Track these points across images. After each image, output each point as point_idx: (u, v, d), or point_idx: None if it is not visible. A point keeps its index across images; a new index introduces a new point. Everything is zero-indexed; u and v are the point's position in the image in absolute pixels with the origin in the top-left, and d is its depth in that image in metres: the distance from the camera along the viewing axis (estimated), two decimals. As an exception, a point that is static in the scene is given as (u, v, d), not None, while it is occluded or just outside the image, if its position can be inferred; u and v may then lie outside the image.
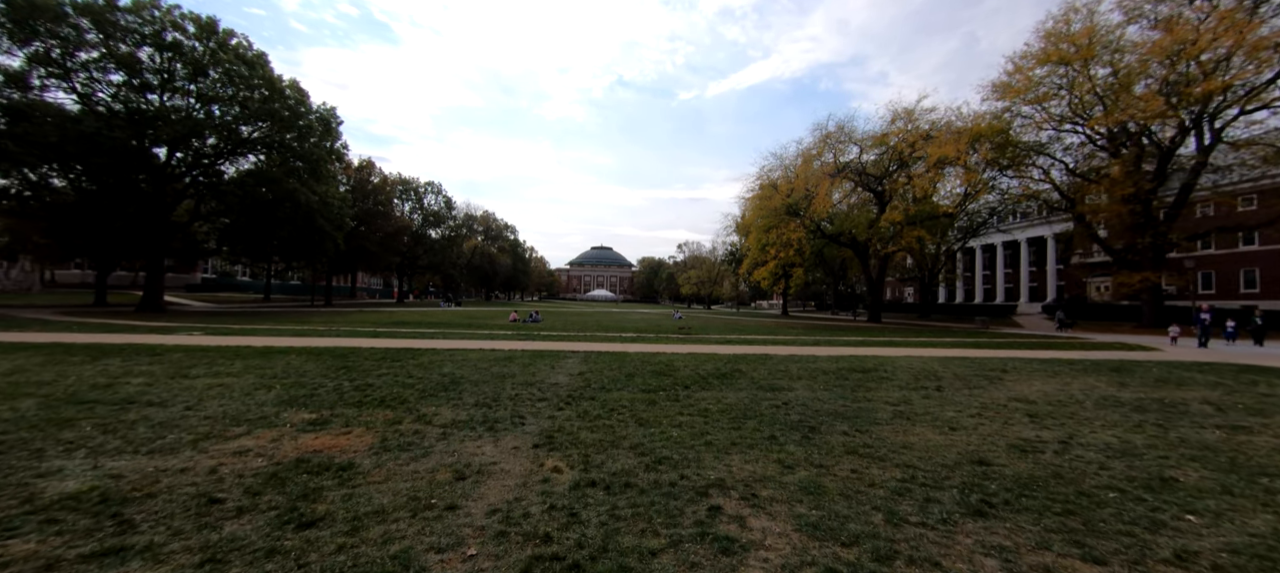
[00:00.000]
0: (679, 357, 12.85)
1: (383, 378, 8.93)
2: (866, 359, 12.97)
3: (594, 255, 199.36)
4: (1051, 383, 9.83)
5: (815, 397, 8.04)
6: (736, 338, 20.10)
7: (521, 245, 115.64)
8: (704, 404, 7.34)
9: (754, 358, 12.87)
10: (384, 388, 8.04)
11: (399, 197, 64.69)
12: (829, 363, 12.09)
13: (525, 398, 7.51)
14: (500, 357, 11.94)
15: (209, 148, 29.85)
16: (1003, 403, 7.83)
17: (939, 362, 12.75)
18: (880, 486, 4.22)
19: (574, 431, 5.77)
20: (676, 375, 9.83)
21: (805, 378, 9.86)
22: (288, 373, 9.23)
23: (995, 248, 66.40)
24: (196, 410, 6.41)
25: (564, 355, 12.51)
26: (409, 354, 12.07)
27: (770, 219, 37.13)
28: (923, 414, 6.93)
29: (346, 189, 47.75)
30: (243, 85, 27.02)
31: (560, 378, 9.31)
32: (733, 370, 10.61)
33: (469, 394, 7.70)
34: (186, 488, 3.95)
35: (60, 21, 24.85)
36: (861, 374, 10.43)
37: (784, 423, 6.28)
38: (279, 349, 12.44)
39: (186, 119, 27.33)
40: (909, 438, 5.73)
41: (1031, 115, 36.29)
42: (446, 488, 4.02)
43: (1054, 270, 58.88)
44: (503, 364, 10.78)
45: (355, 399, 7.23)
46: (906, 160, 34.66)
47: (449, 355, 12.01)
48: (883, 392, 8.59)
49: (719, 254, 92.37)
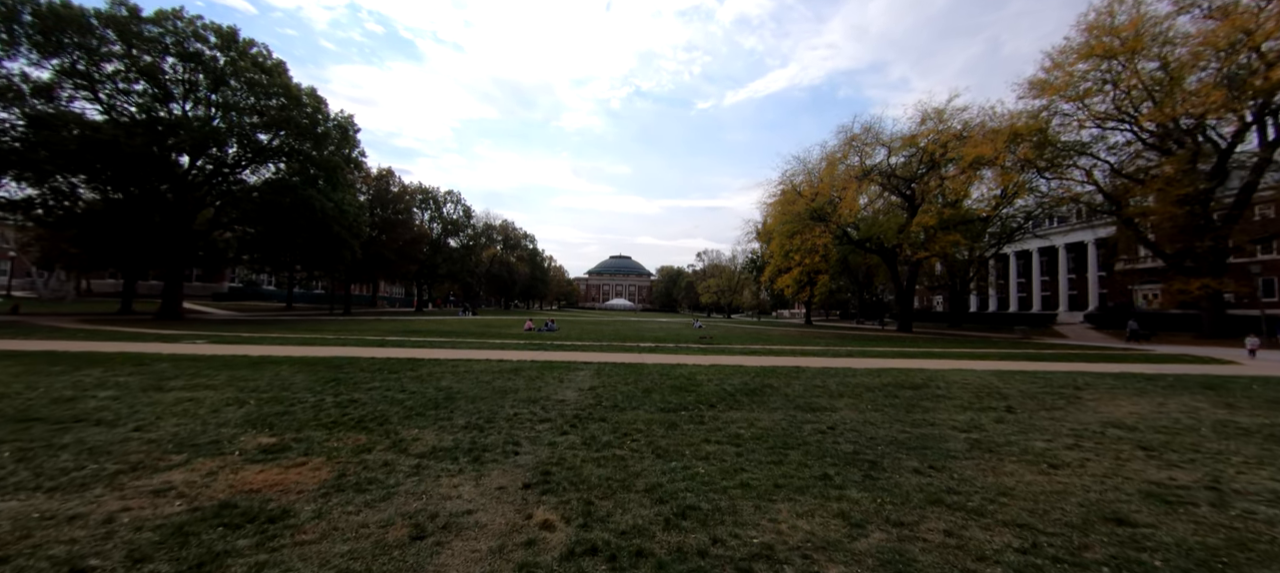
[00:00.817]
0: (701, 369, 11.69)
1: (372, 392, 8.00)
2: (911, 373, 11.61)
3: (612, 264, 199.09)
4: (1142, 403, 8.38)
5: (865, 419, 6.81)
6: (761, 348, 18.82)
7: (540, 254, 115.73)
8: (734, 428, 6.18)
9: (784, 371, 11.63)
10: (368, 405, 7.10)
11: (419, 205, 65.03)
12: (870, 377, 10.79)
13: (524, 419, 6.46)
14: (506, 369, 10.96)
15: (230, 157, 29.96)
16: (1097, 430, 6.48)
17: (996, 376, 11.32)
18: (994, 560, 3.03)
19: (576, 464, 4.69)
20: (699, 391, 8.69)
21: (848, 395, 8.61)
22: (271, 386, 8.38)
23: (1030, 254, 63.37)
24: (145, 432, 5.53)
25: (575, 367, 11.46)
26: (409, 365, 11.17)
27: (794, 225, 35.72)
28: (1005, 444, 5.66)
29: (366, 198, 48.02)
30: (261, 93, 26.99)
31: (568, 393, 8.26)
32: (763, 386, 9.41)
33: (461, 413, 6.69)
34: (56, 548, 2.99)
35: (86, 33, 25.17)
36: (912, 391, 9.13)
37: (836, 456, 5.09)
38: (274, 359, 11.69)
39: (207, 127, 27.40)
40: (1001, 478, 4.49)
41: (1071, 114, 34.26)
42: (395, 555, 2.98)
43: (1096, 278, 55.75)
44: (507, 377, 9.78)
45: (331, 418, 6.29)
46: (938, 162, 32.95)
47: (451, 367, 11.08)
48: (944, 413, 7.31)
49: (739, 262, 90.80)
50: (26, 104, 24.52)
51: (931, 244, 31.13)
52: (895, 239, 33.97)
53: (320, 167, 29.43)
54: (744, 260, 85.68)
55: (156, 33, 26.61)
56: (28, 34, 24.32)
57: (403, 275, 56.15)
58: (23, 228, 32.73)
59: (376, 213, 47.27)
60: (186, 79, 28.32)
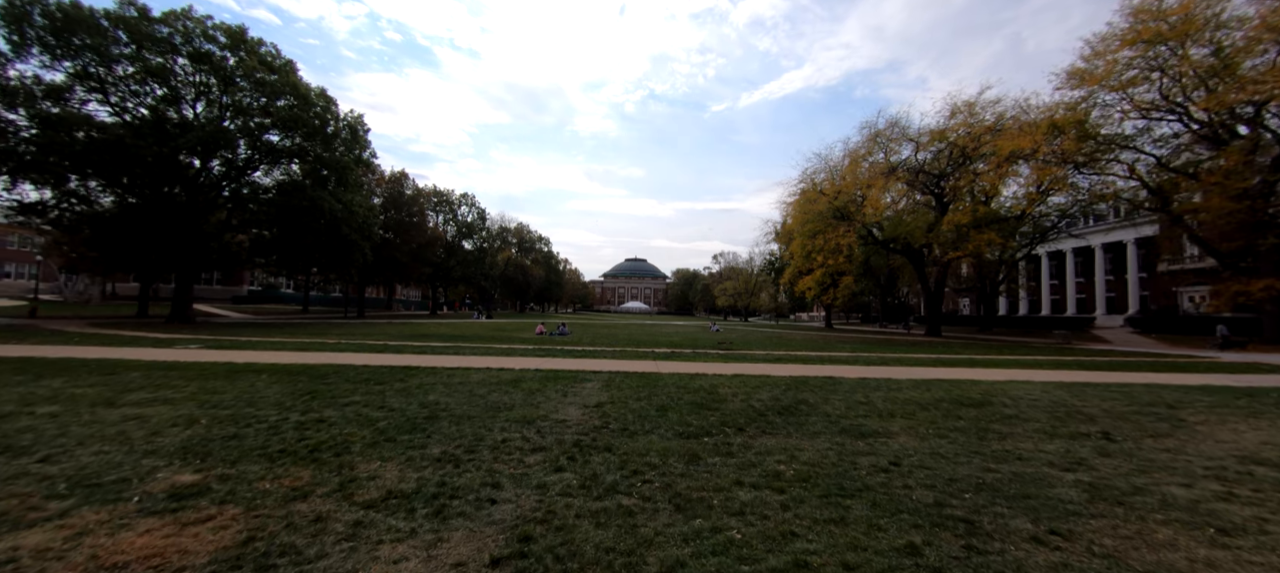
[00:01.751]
0: (723, 380, 10.45)
1: (346, 409, 6.95)
2: (964, 385, 10.20)
3: (628, 267, 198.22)
4: (1265, 427, 6.90)
5: (933, 450, 5.52)
6: (785, 355, 17.46)
7: (555, 257, 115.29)
8: (772, 461, 4.96)
9: (818, 382, 10.31)
10: (335, 426, 6.03)
11: (433, 208, 64.85)
12: (917, 390, 9.42)
13: (513, 448, 5.32)
14: (506, 379, 9.85)
15: (240, 158, 29.63)
16: (1237, 469, 5.09)
17: (1064, 390, 9.85)
18: None
19: (568, 522, 3.52)
20: (724, 409, 7.46)
21: (900, 415, 7.29)
22: (236, 401, 7.40)
23: (1063, 254, 60.59)
24: (49, 464, 4.52)
25: (583, 378, 10.31)
26: (401, 374, 10.15)
27: (816, 224, 34.15)
28: (1133, 492, 4.32)
29: (380, 200, 47.75)
30: (271, 93, 26.53)
31: (570, 412, 7.10)
32: (797, 402, 8.13)
33: (440, 438, 5.57)
34: None
35: (97, 33, 24.98)
36: (974, 409, 7.76)
37: (915, 510, 3.83)
38: (257, 367, 10.78)
39: (216, 129, 27.06)
40: (1160, 553, 3.19)
41: (1113, 104, 32.18)
42: None
43: (1136, 279, 52.93)
44: (505, 390, 8.66)
45: (282, 446, 5.22)
46: (970, 156, 31.13)
47: (446, 377, 10.02)
48: (1026, 441, 5.97)
49: (756, 264, 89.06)
50: (38, 106, 24.38)
51: (964, 243, 29.30)
52: (924, 238, 32.20)
53: (330, 167, 28.89)
54: (761, 262, 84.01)
55: (166, 33, 26.36)
56: (38, 36, 24.19)
57: (417, 278, 55.85)
58: (42, 231, 32.95)
59: (389, 215, 46.93)
60: (196, 80, 28.06)
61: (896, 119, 34.88)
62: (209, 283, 64.42)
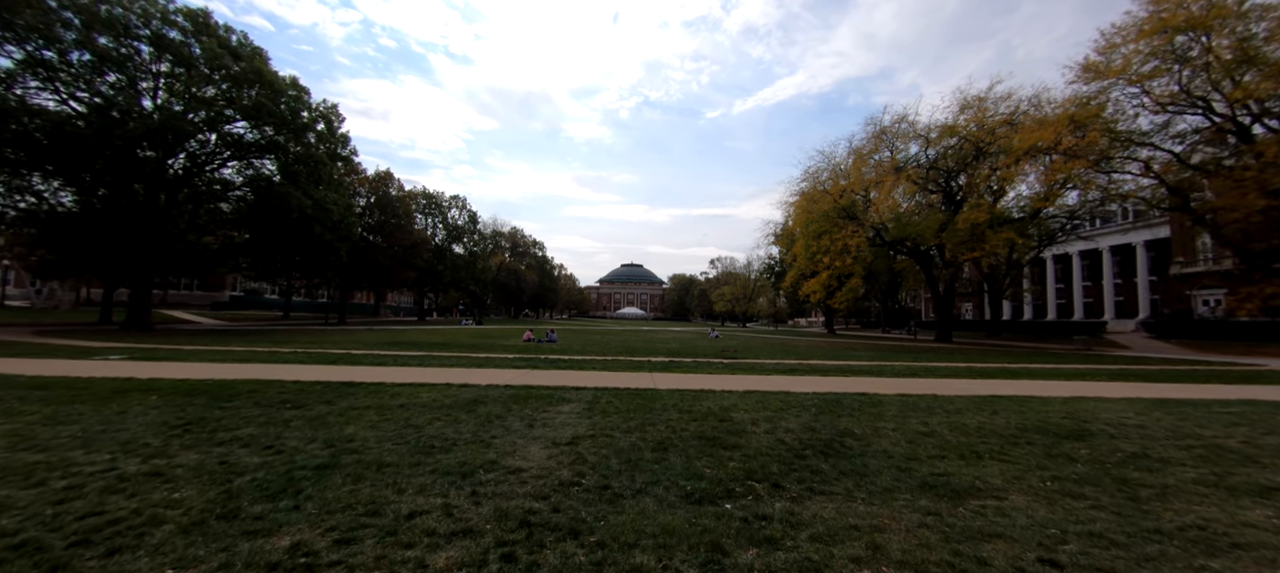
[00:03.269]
0: (734, 399, 8.45)
1: (213, 452, 4.92)
2: (1035, 405, 8.23)
3: (624, 273, 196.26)
4: None
5: (1078, 522, 3.55)
6: (798, 364, 15.50)
7: (550, 262, 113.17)
8: (843, 558, 2.98)
9: (853, 401, 8.33)
10: (170, 484, 4.01)
11: (422, 211, 62.73)
12: (981, 412, 7.45)
13: (418, 532, 3.29)
14: (462, 400, 7.81)
15: (203, 151, 27.52)
16: None
17: (1158, 409, 7.91)
18: None
19: None
20: (745, 446, 5.47)
21: (987, 454, 5.32)
22: (75, 437, 5.35)
23: (1070, 258, 59.11)
24: None
25: (561, 397, 8.29)
26: (330, 394, 8.10)
27: (821, 224, 32.30)
28: None
29: (365, 201, 45.60)
30: (236, 82, 24.46)
31: (533, 452, 5.09)
32: (839, 434, 6.14)
33: (312, 509, 3.55)
34: None
35: (45, 15, 22.94)
36: (1077, 443, 5.81)
37: None
38: (159, 384, 8.71)
39: (176, 119, 24.97)
40: None
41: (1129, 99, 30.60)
42: None
43: (1146, 282, 51.43)
44: (454, 417, 6.64)
45: (53, 522, 3.21)
46: (985, 151, 29.41)
47: (388, 396, 7.98)
48: (1201, 502, 4.02)
49: (754, 269, 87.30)
50: (-24, 93, 22.29)
51: (982, 243, 27.48)
52: (934, 239, 30.37)
53: (302, 162, 26.81)
54: (760, 266, 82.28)
55: (121, 15, 24.32)
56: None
57: (403, 282, 53.66)
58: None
59: (374, 217, 44.80)
60: (157, 69, 26.00)
61: (903, 114, 33.21)
62: (189, 288, 62.01)
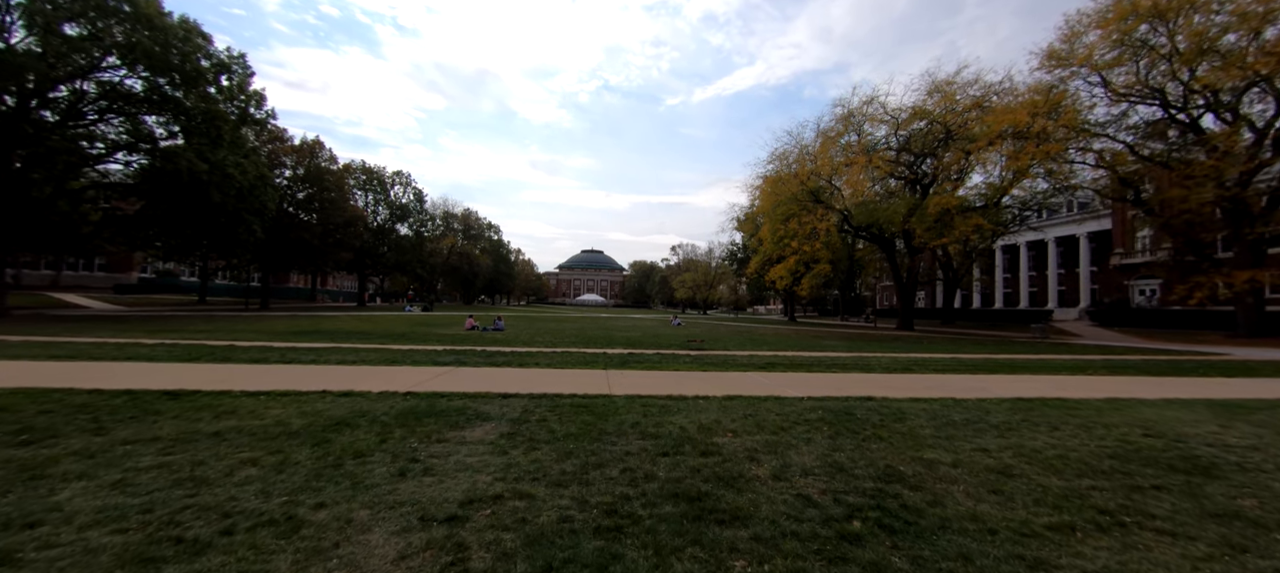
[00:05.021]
0: (713, 409, 6.38)
1: None
2: (1085, 413, 6.60)
3: (584, 259, 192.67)
4: None
5: None
6: (775, 358, 13.71)
7: (506, 246, 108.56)
8: None
9: (870, 414, 6.43)
10: None
11: (361, 187, 57.62)
12: (1036, 426, 5.71)
13: None
14: (321, 424, 5.31)
15: (81, 104, 22.90)
16: None
17: (1205, 409, 6.44)
18: None
19: None
20: (752, 513, 3.37)
21: (1123, 514, 3.45)
22: None
23: (1017, 248, 61.08)
24: None
25: (477, 414, 5.95)
26: (133, 410, 5.44)
27: (788, 207, 30.88)
28: None
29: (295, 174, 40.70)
30: (104, 13, 20.08)
31: (364, 563, 2.80)
32: (885, 477, 4.16)
33: None
34: None
35: None
36: (1201, 479, 4.07)
37: None
38: None
39: (33, 58, 20.41)
40: None
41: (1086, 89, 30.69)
42: None
43: (1088, 272, 53.57)
44: (283, 461, 4.21)
45: None
46: (955, 134, 28.66)
47: (218, 414, 5.40)
48: None
49: (716, 256, 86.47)
50: None
51: (949, 230, 26.77)
52: (903, 225, 29.53)
53: (200, 118, 22.68)
54: (722, 253, 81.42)
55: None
56: None
57: (338, 264, 48.97)
58: None
59: (302, 190, 40.12)
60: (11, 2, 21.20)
61: (873, 94, 32.09)
62: (88, 269, 54.81)
